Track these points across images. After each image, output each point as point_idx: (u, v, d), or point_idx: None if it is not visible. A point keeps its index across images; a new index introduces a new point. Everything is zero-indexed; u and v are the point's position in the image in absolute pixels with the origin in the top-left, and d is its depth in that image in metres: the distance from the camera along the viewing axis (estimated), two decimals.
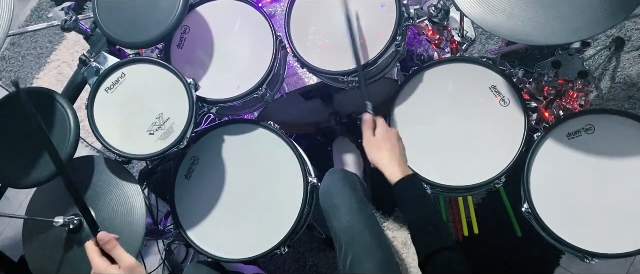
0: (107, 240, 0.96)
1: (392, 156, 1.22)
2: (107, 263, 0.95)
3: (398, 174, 1.20)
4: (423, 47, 2.05)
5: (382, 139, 1.24)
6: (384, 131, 1.25)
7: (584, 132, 1.38)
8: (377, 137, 1.25)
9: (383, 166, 1.22)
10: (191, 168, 1.59)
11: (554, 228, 1.33)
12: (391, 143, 1.24)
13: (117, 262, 0.96)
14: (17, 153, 1.41)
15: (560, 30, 1.13)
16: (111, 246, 0.96)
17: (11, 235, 2.41)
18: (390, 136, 1.25)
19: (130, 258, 0.96)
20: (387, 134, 1.25)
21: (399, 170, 1.20)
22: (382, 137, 1.24)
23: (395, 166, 1.21)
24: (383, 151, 1.23)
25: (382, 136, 1.25)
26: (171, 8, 1.43)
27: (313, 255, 2.10)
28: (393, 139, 1.25)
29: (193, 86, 1.41)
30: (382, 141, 1.24)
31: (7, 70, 2.68)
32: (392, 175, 1.21)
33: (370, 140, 1.26)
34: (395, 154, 1.23)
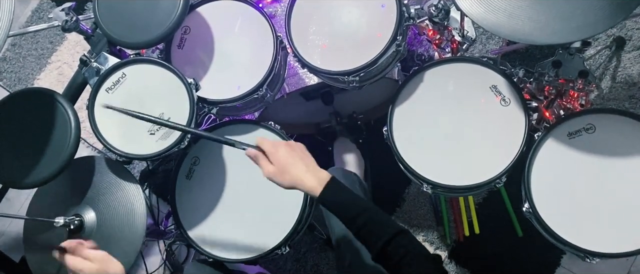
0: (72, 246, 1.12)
1: (300, 172, 1.12)
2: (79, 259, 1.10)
3: (316, 186, 1.11)
4: (423, 47, 2.05)
5: (280, 160, 1.14)
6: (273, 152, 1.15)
7: (584, 132, 1.38)
8: (274, 162, 1.14)
9: (298, 184, 1.12)
10: (192, 168, 1.59)
11: (555, 227, 1.33)
12: (291, 160, 1.13)
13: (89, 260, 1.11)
14: (18, 153, 1.41)
15: (561, 29, 1.13)
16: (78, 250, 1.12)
17: (12, 236, 2.41)
18: (282, 155, 1.14)
19: (100, 252, 1.12)
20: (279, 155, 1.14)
21: (313, 181, 1.11)
22: (278, 159, 1.14)
23: (309, 179, 1.11)
24: (287, 172, 1.13)
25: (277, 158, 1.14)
26: (171, 8, 1.43)
27: (314, 255, 2.10)
28: (289, 154, 1.14)
29: (193, 85, 1.41)
30: (281, 162, 1.13)
31: (7, 70, 2.68)
32: (310, 189, 1.12)
33: (269, 170, 1.14)
34: (301, 168, 1.13)
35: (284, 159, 1.13)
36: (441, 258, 1.85)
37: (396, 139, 1.50)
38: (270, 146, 1.16)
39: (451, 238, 1.98)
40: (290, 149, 1.15)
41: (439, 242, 2.00)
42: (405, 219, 2.05)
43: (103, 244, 1.43)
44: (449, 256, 1.97)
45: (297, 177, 1.12)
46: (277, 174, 1.14)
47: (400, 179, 1.87)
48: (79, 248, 1.12)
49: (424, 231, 2.02)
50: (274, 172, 1.14)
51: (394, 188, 2.07)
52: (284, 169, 1.13)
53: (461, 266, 1.96)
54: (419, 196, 2.05)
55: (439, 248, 1.99)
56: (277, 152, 1.14)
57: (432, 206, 2.03)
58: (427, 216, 2.03)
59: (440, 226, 2.00)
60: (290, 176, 1.13)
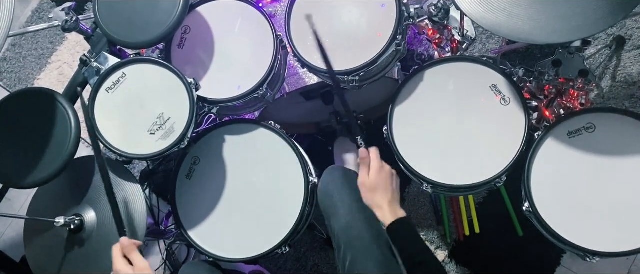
0: (127, 244, 1.18)
1: (384, 199, 1.21)
2: (125, 263, 1.16)
3: (389, 218, 1.19)
4: (424, 47, 2.04)
5: (376, 180, 1.22)
6: (377, 170, 1.23)
7: (584, 131, 1.38)
8: (371, 179, 1.22)
9: (376, 207, 1.21)
10: (192, 168, 1.59)
11: (555, 226, 1.33)
12: (384, 184, 1.22)
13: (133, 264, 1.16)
14: (18, 153, 1.41)
15: (560, 28, 1.13)
16: (129, 250, 1.17)
17: (12, 235, 2.41)
18: (383, 176, 1.23)
19: (144, 262, 1.17)
20: (380, 175, 1.22)
21: (390, 213, 1.19)
22: (376, 179, 1.22)
23: (387, 209, 1.20)
24: (376, 193, 1.22)
25: (376, 178, 1.22)
26: (171, 8, 1.43)
27: (314, 255, 2.10)
28: (387, 179, 1.23)
29: (193, 85, 1.41)
30: (376, 182, 1.22)
31: (8, 71, 2.68)
32: (384, 218, 1.20)
33: (364, 181, 1.23)
34: (387, 196, 1.21)
35: (381, 181, 1.22)
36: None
37: (396, 139, 1.50)
38: (378, 161, 1.24)
39: (451, 237, 1.98)
40: (390, 178, 1.24)
41: (439, 241, 2.00)
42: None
43: (103, 244, 1.45)
44: (449, 256, 1.97)
45: (380, 201, 1.21)
46: (368, 188, 1.22)
47: (400, 179, 1.87)
48: (130, 247, 1.18)
49: (424, 230, 2.02)
50: (366, 185, 1.22)
51: None
52: (374, 188, 1.22)
53: (461, 265, 1.96)
54: (419, 196, 2.05)
55: (440, 247, 1.99)
56: (380, 171, 1.23)
57: (433, 206, 2.03)
58: (428, 216, 2.03)
59: (440, 226, 2.01)
60: (376, 196, 1.21)
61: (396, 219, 1.19)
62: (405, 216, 1.21)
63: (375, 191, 1.22)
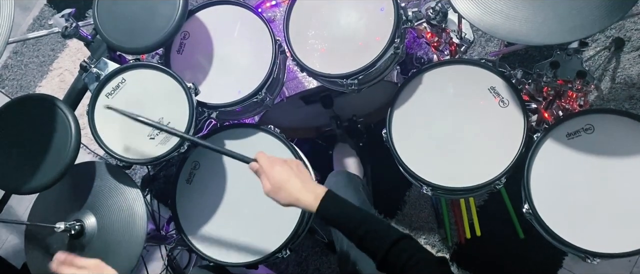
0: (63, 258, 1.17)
1: (294, 189, 1.13)
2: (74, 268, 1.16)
3: (313, 202, 1.11)
4: (423, 50, 2.05)
5: (275, 179, 1.14)
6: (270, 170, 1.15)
7: (583, 132, 1.38)
8: (271, 181, 1.14)
9: (296, 203, 1.13)
10: (192, 173, 1.60)
11: (555, 228, 1.33)
12: (285, 176, 1.14)
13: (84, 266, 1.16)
14: (19, 159, 1.42)
15: (557, 30, 1.13)
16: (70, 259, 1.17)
17: (14, 242, 2.42)
18: (277, 174, 1.14)
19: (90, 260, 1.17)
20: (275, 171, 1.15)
21: (309, 197, 1.12)
22: (274, 178, 1.14)
23: (305, 196, 1.12)
24: (283, 190, 1.14)
25: (273, 177, 1.14)
26: (170, 14, 1.43)
27: (315, 259, 2.10)
28: (283, 171, 1.15)
29: (193, 90, 1.41)
30: (277, 181, 1.14)
31: (9, 78, 2.70)
32: (308, 205, 1.12)
33: (268, 189, 1.15)
34: (296, 185, 1.13)
35: (279, 175, 1.14)
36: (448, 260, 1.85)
37: (395, 142, 1.50)
38: (266, 162, 1.16)
39: (452, 240, 1.98)
40: (286, 166, 1.16)
41: (440, 244, 2.00)
42: (406, 222, 2.05)
43: (104, 249, 1.45)
44: (451, 259, 1.97)
45: (292, 194, 1.13)
46: (275, 191, 1.14)
47: (401, 182, 1.88)
48: (69, 258, 1.17)
49: (425, 233, 2.02)
50: (271, 190, 1.15)
51: (395, 191, 2.07)
52: (280, 186, 1.14)
53: (463, 268, 1.96)
54: (420, 199, 2.05)
55: (441, 250, 1.99)
56: (273, 170, 1.15)
57: (433, 209, 2.03)
58: (429, 219, 2.03)
59: (441, 229, 2.00)
60: (286, 193, 1.13)
61: (320, 202, 1.11)
62: (327, 190, 1.13)
63: (282, 189, 1.13)
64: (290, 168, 1.16)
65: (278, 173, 1.14)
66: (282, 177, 1.14)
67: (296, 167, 1.17)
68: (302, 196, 1.12)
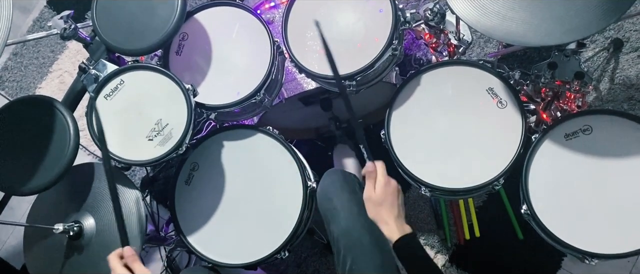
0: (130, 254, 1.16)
1: (390, 214, 1.19)
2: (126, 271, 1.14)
3: (396, 234, 1.17)
4: (421, 51, 2.05)
5: (382, 196, 1.20)
6: (383, 185, 1.21)
7: (581, 133, 1.38)
8: (378, 193, 1.20)
9: (382, 222, 1.20)
10: (191, 174, 1.60)
11: (553, 228, 1.33)
12: (391, 199, 1.20)
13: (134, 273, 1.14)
14: (18, 160, 1.42)
15: (554, 31, 1.14)
16: (132, 259, 1.15)
17: (14, 243, 2.42)
18: (389, 191, 1.21)
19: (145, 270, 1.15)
20: (386, 190, 1.21)
21: (396, 229, 1.18)
22: (382, 194, 1.20)
23: (393, 225, 1.18)
24: (382, 208, 1.20)
25: (382, 192, 1.20)
26: (169, 15, 1.44)
27: (314, 260, 2.10)
28: (393, 194, 1.21)
29: (191, 91, 1.42)
30: (383, 197, 1.20)
31: (9, 79, 2.70)
32: (390, 233, 1.18)
33: (370, 195, 1.21)
34: (393, 212, 1.20)
35: (388, 196, 1.20)
36: None
37: (394, 143, 1.50)
38: (384, 175, 1.22)
39: (452, 241, 1.98)
40: (397, 193, 1.22)
41: (439, 246, 2.00)
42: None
43: (102, 250, 1.45)
44: (450, 260, 1.97)
45: (386, 217, 1.19)
46: (374, 203, 1.21)
47: (400, 183, 1.87)
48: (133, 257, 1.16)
49: (424, 234, 2.02)
50: (373, 199, 1.21)
51: None
52: (381, 203, 1.20)
53: (462, 269, 1.96)
54: (419, 200, 2.05)
55: (440, 251, 1.99)
56: (387, 186, 1.21)
57: (432, 210, 2.03)
58: (428, 220, 2.03)
59: (440, 230, 2.00)
60: (382, 211, 1.20)
61: (403, 236, 1.17)
62: (412, 232, 1.19)
63: (381, 206, 1.20)
64: (399, 196, 1.23)
65: (390, 192, 1.21)
66: (388, 198, 1.20)
67: (401, 199, 1.24)
68: (391, 224, 1.19)
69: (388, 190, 1.21)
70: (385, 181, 1.22)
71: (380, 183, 1.21)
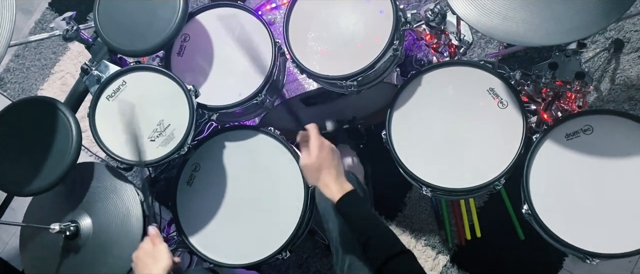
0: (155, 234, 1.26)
1: (329, 176, 1.19)
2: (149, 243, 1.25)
3: (336, 194, 1.18)
4: (422, 52, 2.05)
5: (318, 160, 1.20)
6: (317, 148, 1.20)
7: (582, 133, 1.39)
8: (313, 158, 1.20)
9: (322, 186, 1.20)
10: (192, 174, 1.60)
11: (554, 228, 1.33)
12: (327, 162, 1.20)
13: None
14: (20, 161, 1.42)
15: (555, 31, 1.14)
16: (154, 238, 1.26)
17: (16, 244, 2.39)
18: (324, 155, 1.21)
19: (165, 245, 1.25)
20: (321, 153, 1.20)
21: (336, 189, 1.18)
22: (317, 158, 1.20)
23: (333, 186, 1.19)
24: (320, 172, 1.20)
25: (317, 156, 1.20)
26: (170, 16, 1.45)
27: (316, 260, 2.10)
28: (328, 157, 1.21)
29: (193, 92, 1.42)
30: (319, 161, 1.20)
31: (11, 81, 2.71)
32: (331, 195, 1.19)
33: (306, 161, 1.21)
34: (331, 174, 1.20)
35: (324, 159, 1.20)
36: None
37: (395, 143, 1.51)
38: (317, 138, 1.22)
39: (453, 241, 1.98)
40: (333, 153, 1.22)
41: (440, 246, 2.00)
42: (406, 223, 2.05)
43: (98, 250, 1.46)
44: (451, 260, 1.97)
45: (325, 179, 1.20)
46: (311, 169, 1.21)
47: (401, 184, 1.88)
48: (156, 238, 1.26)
49: (425, 235, 2.02)
50: (309, 166, 1.21)
51: (395, 193, 2.07)
52: (318, 167, 1.20)
53: (463, 270, 1.96)
54: (420, 201, 2.05)
55: (441, 252, 1.99)
56: (322, 149, 1.21)
57: (434, 210, 2.03)
58: (429, 220, 2.03)
59: (441, 230, 2.00)
60: (320, 175, 1.20)
61: (344, 194, 1.17)
62: (353, 189, 1.19)
63: (319, 171, 1.20)
64: (334, 156, 1.22)
65: (325, 154, 1.20)
66: (324, 162, 1.20)
67: (338, 158, 1.23)
68: (331, 185, 1.19)
69: (323, 153, 1.21)
70: (319, 143, 1.21)
71: (314, 147, 1.21)
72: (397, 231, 2.05)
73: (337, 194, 1.18)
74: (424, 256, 1.99)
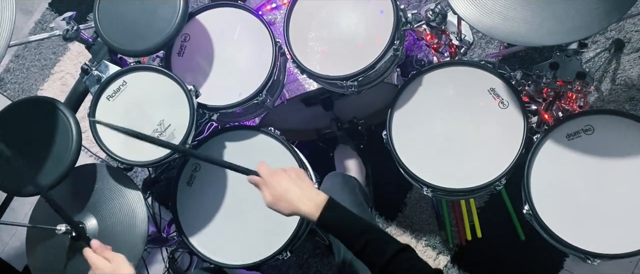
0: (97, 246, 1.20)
1: (294, 199, 1.12)
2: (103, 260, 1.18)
3: (313, 211, 1.10)
4: (423, 52, 2.05)
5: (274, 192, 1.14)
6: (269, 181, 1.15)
7: (583, 133, 1.39)
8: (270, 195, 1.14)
9: (296, 211, 1.13)
10: (193, 175, 1.60)
11: (555, 228, 1.33)
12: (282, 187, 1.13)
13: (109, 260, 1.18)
14: (20, 161, 1.42)
15: (555, 31, 1.14)
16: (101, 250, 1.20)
17: (16, 245, 2.42)
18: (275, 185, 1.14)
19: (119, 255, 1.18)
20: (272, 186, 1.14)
21: (310, 206, 1.11)
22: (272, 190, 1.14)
23: (305, 205, 1.11)
24: (283, 200, 1.13)
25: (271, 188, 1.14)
26: (171, 16, 1.44)
27: (316, 261, 2.10)
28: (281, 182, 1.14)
29: (193, 92, 1.42)
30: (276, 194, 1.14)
31: (11, 81, 2.71)
32: (308, 215, 1.11)
33: (268, 201, 1.15)
34: (296, 195, 1.12)
35: (278, 186, 1.14)
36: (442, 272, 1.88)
37: (395, 143, 1.50)
38: (267, 173, 1.16)
39: (453, 242, 1.98)
40: (286, 176, 1.15)
41: (441, 246, 2.00)
42: (407, 223, 2.05)
43: None
44: (452, 261, 1.97)
45: (293, 203, 1.12)
46: (275, 202, 1.14)
47: (402, 184, 1.88)
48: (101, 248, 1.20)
49: (426, 235, 2.02)
50: (272, 201, 1.15)
51: (395, 193, 2.07)
52: (280, 197, 1.13)
53: (464, 270, 1.96)
54: (420, 201, 2.05)
55: (442, 252, 1.99)
56: (272, 180, 1.14)
57: (434, 211, 2.03)
58: (429, 221, 2.03)
59: (442, 231, 2.00)
60: (287, 203, 1.13)
61: (321, 210, 1.10)
62: (327, 198, 1.12)
63: (281, 198, 1.13)
64: (289, 177, 1.15)
65: (277, 183, 1.14)
66: (281, 188, 1.13)
67: (295, 176, 1.16)
68: (302, 206, 1.11)
69: (276, 181, 1.14)
70: (269, 177, 1.15)
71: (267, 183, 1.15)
72: (398, 232, 2.05)
73: (314, 211, 1.10)
74: (424, 256, 1.99)
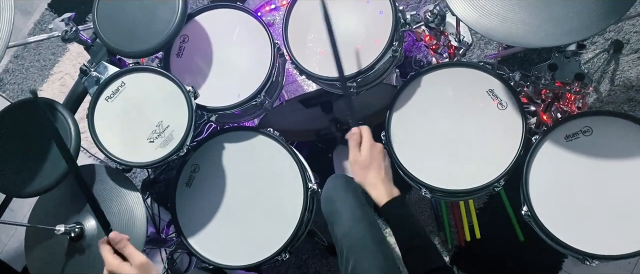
0: (118, 239, 1.03)
1: (378, 177, 1.19)
2: (120, 260, 1.03)
3: (384, 196, 1.18)
4: (422, 53, 2.06)
5: (369, 158, 1.20)
6: (368, 147, 1.21)
7: (581, 134, 1.39)
8: (363, 156, 1.20)
9: (369, 186, 1.20)
10: (192, 176, 1.60)
11: (554, 230, 1.33)
12: (377, 162, 1.20)
13: (129, 260, 1.03)
14: (19, 162, 1.42)
15: (554, 32, 1.14)
16: (123, 245, 1.03)
17: (15, 246, 2.42)
18: (375, 155, 1.21)
19: (140, 256, 1.03)
20: (373, 153, 1.21)
21: (384, 191, 1.18)
22: (368, 156, 1.20)
23: (381, 187, 1.18)
24: (369, 171, 1.20)
25: (368, 155, 1.20)
26: (170, 17, 1.44)
27: (315, 262, 2.10)
28: (379, 157, 1.21)
29: (192, 93, 1.42)
30: (369, 160, 1.20)
31: (10, 82, 2.71)
32: (378, 197, 1.18)
33: (356, 158, 1.21)
34: (380, 174, 1.20)
35: (374, 158, 1.20)
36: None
37: (394, 144, 1.50)
38: (370, 139, 1.23)
39: (452, 243, 1.98)
40: (383, 155, 1.23)
41: (440, 247, 2.00)
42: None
43: None
44: (451, 262, 1.97)
45: (373, 179, 1.20)
46: (360, 166, 1.21)
47: (400, 185, 1.86)
48: (123, 242, 1.04)
49: None
50: (359, 163, 1.21)
51: None
52: (368, 166, 1.20)
53: (463, 271, 1.96)
54: (419, 202, 2.05)
55: (441, 253, 1.99)
56: (373, 148, 1.21)
57: (433, 212, 2.03)
58: (428, 222, 2.03)
59: (441, 232, 2.00)
60: (369, 174, 1.20)
61: (391, 199, 1.17)
62: (400, 195, 1.19)
63: (368, 169, 1.19)
64: (385, 159, 1.23)
65: (375, 156, 1.20)
66: (374, 162, 1.20)
67: (388, 162, 1.24)
68: (379, 186, 1.18)
69: (374, 152, 1.20)
70: (371, 143, 1.21)
71: (366, 145, 1.21)
72: None
73: (385, 196, 1.17)
74: None
